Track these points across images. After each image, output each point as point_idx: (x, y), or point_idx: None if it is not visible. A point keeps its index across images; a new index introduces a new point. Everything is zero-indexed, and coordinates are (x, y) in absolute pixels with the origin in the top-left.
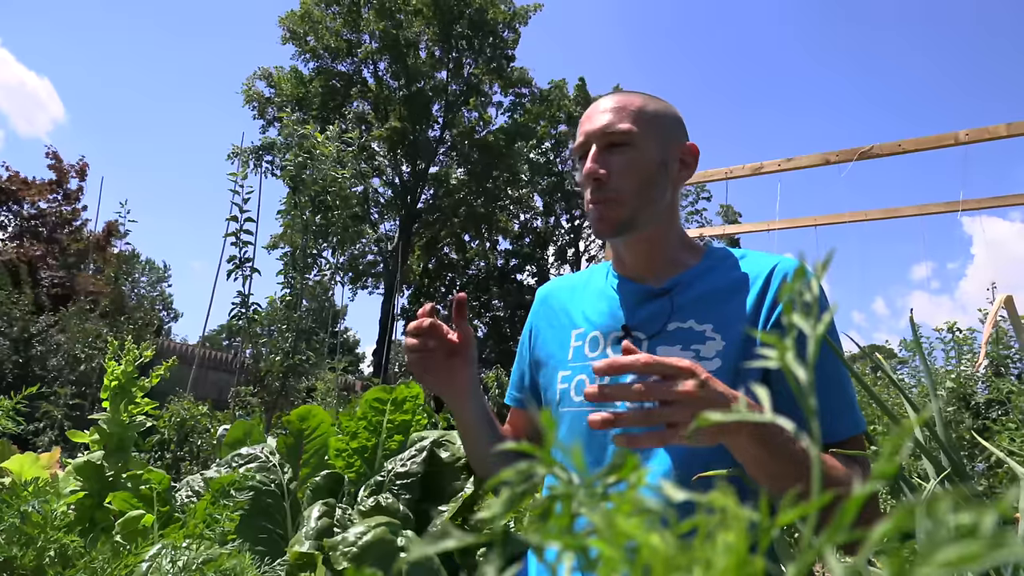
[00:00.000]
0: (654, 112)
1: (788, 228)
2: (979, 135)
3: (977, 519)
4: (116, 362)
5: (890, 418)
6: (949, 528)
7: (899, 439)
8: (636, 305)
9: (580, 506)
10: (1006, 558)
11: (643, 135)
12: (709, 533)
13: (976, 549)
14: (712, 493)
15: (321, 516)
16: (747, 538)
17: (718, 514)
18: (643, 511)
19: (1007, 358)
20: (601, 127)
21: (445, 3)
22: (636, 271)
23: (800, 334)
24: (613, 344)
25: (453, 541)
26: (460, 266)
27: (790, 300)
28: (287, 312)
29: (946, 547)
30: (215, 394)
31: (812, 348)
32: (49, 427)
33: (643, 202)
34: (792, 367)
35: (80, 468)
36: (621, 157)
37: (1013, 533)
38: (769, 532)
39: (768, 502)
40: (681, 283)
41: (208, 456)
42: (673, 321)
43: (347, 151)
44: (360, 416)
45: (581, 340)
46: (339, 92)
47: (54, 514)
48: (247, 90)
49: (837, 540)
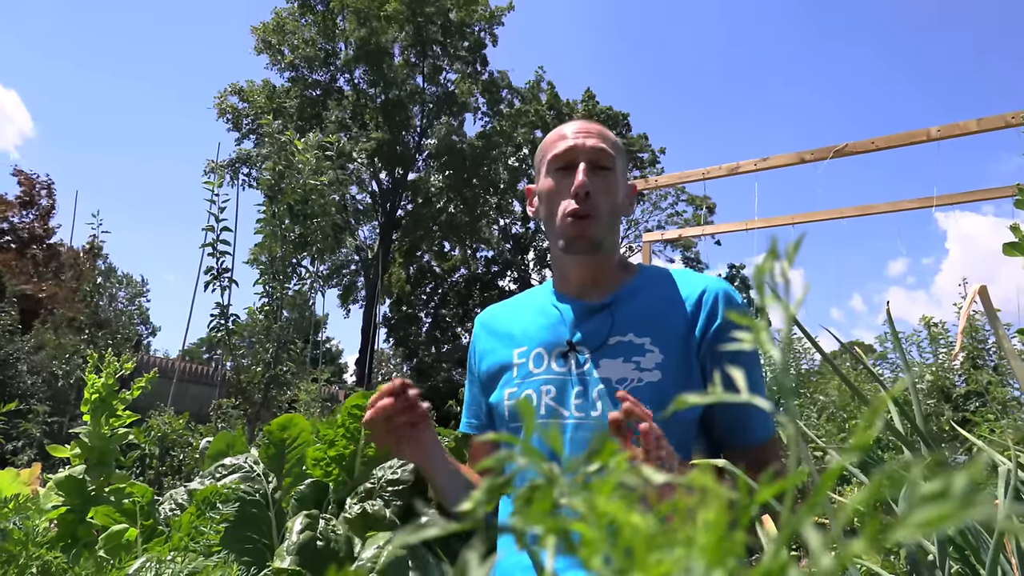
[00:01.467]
0: (623, 147)
1: (766, 227)
2: (950, 131)
3: (947, 483)
4: (96, 375)
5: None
6: (923, 491)
7: (874, 413)
8: (579, 321)
9: (561, 491)
10: (977, 517)
11: (618, 164)
12: (689, 512)
13: (948, 510)
14: (693, 473)
15: (303, 529)
16: (727, 515)
17: (697, 493)
18: (623, 492)
19: (983, 350)
20: (592, 146)
21: (420, 8)
22: (580, 288)
23: (741, 353)
24: (557, 359)
25: (435, 529)
26: (441, 274)
27: (729, 324)
28: (267, 323)
29: (919, 509)
30: (196, 408)
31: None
32: (28, 445)
33: (613, 224)
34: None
35: (61, 483)
36: (603, 181)
37: (984, 494)
38: (748, 510)
39: (745, 481)
40: (619, 299)
41: (191, 470)
42: (614, 335)
43: (325, 158)
44: (339, 424)
45: (525, 357)
46: (316, 102)
47: (36, 530)
48: (220, 104)
49: (815, 514)
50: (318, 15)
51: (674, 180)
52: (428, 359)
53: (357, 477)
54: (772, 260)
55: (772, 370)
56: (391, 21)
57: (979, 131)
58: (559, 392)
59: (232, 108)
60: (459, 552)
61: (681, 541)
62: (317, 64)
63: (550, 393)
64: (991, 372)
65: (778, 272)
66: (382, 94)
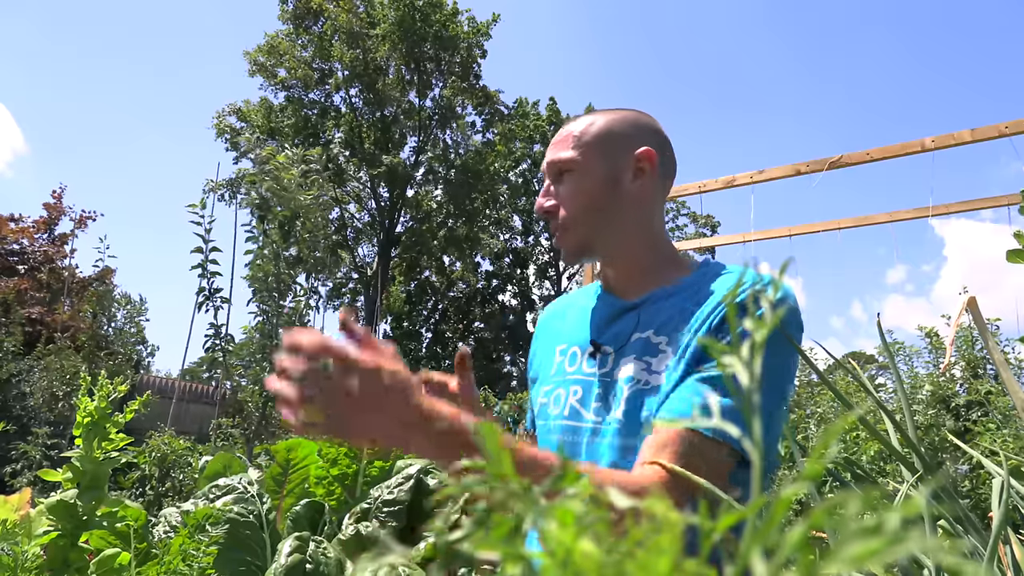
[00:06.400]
0: (597, 131)
1: (763, 239)
2: (945, 141)
3: (881, 518)
4: (89, 398)
5: (868, 429)
6: (857, 527)
7: (827, 441)
8: (608, 320)
9: (522, 516)
10: (906, 553)
11: (585, 159)
12: (643, 539)
13: (878, 545)
14: (648, 499)
15: (292, 552)
16: (680, 541)
17: (652, 520)
18: (579, 519)
19: (983, 359)
20: (547, 162)
21: (410, 25)
22: (617, 286)
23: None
24: (588, 359)
25: (394, 557)
26: (442, 289)
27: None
28: (262, 341)
29: (850, 544)
30: (197, 427)
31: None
32: (27, 468)
33: (596, 223)
34: (739, 371)
35: (52, 508)
36: (567, 184)
37: (917, 530)
38: (711, 536)
39: (708, 506)
40: (651, 298)
41: (190, 491)
42: (637, 332)
43: (312, 174)
44: (341, 443)
45: (563, 356)
46: (313, 122)
47: (25, 556)
48: (218, 124)
49: (764, 543)
50: (313, 35)
51: (671, 194)
52: None
53: (359, 496)
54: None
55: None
56: (384, 40)
57: (973, 141)
58: (584, 393)
59: (230, 128)
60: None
61: (633, 566)
62: (312, 84)
63: (576, 394)
64: (992, 382)
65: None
66: (378, 111)
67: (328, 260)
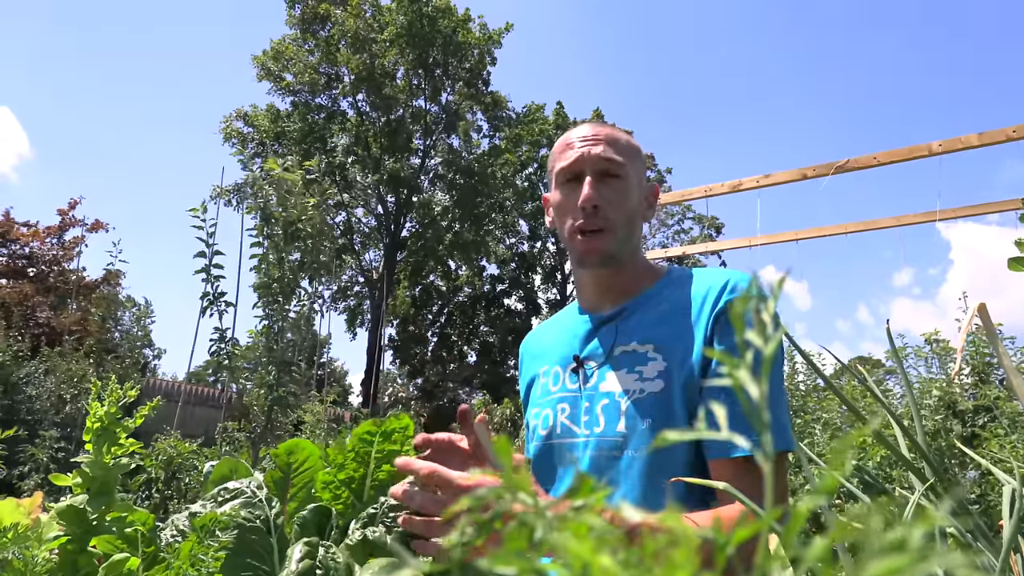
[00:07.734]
0: (636, 149)
1: (769, 243)
2: (952, 145)
3: (905, 534)
4: (99, 403)
5: (878, 439)
6: (880, 542)
7: (842, 453)
8: (588, 335)
9: (538, 530)
10: (930, 570)
11: (631, 169)
12: (659, 553)
13: (903, 562)
14: (663, 514)
15: (303, 557)
16: (696, 556)
17: (668, 534)
18: (596, 533)
19: (990, 364)
20: (597, 155)
21: (419, 31)
22: (595, 301)
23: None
24: (570, 375)
25: (408, 571)
26: (447, 293)
27: (740, 316)
28: (267, 345)
29: (874, 560)
30: (203, 430)
31: (766, 363)
32: (35, 470)
33: (628, 234)
34: (745, 382)
35: (62, 512)
36: (613, 189)
37: (940, 546)
38: (724, 550)
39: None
40: (628, 308)
41: (196, 494)
42: (619, 346)
43: (313, 183)
44: (349, 448)
45: (547, 377)
46: (320, 126)
47: (35, 560)
48: (226, 129)
49: (782, 562)
50: (320, 40)
51: (676, 198)
52: (434, 378)
53: (367, 501)
54: (751, 300)
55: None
56: (392, 44)
57: (980, 145)
58: (572, 409)
59: (237, 132)
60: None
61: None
62: (319, 88)
63: (564, 411)
64: (999, 387)
65: (762, 311)
66: (384, 116)
67: (332, 264)
